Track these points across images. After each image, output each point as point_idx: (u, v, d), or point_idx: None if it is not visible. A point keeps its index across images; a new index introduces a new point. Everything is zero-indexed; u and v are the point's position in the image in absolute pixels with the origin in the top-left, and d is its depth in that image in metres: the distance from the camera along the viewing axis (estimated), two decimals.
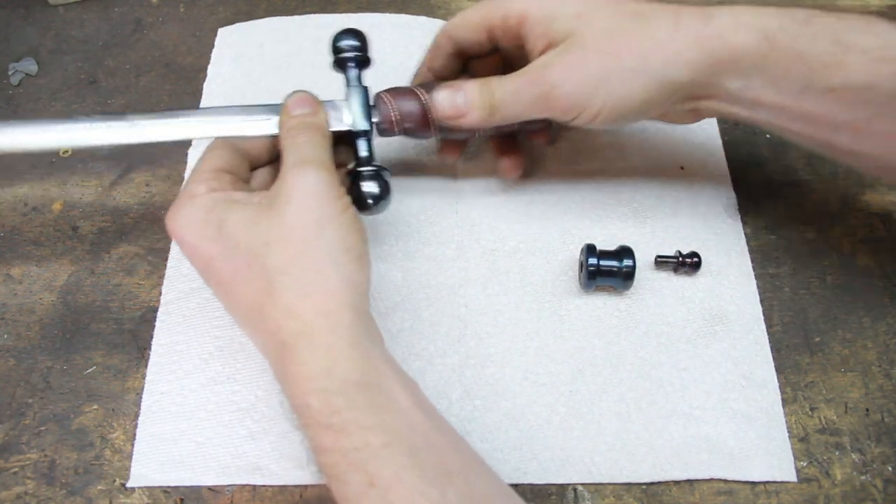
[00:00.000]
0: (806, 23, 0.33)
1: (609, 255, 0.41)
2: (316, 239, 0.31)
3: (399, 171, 0.47)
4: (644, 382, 0.40)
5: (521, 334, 0.41)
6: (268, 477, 0.37)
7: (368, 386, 0.29)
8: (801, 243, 0.45)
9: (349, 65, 0.38)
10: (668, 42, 0.34)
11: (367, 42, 0.39)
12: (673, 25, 0.34)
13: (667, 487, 0.37)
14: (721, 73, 0.34)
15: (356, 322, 0.31)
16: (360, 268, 0.32)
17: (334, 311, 0.30)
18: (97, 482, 0.37)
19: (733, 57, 0.34)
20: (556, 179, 0.47)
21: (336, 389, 0.29)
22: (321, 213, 0.31)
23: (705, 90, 0.35)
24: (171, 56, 0.53)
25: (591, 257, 0.40)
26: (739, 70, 0.34)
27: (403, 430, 0.29)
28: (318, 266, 0.31)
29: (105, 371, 0.41)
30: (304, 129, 0.35)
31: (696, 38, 0.34)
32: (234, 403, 0.39)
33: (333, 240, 0.31)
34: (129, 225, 0.46)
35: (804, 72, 0.33)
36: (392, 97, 0.38)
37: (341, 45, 0.38)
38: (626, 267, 0.40)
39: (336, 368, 0.29)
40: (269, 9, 0.56)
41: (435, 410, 0.32)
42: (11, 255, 0.45)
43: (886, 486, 0.37)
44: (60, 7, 0.56)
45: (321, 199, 0.32)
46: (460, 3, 0.56)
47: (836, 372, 0.41)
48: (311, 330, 0.30)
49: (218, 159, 0.35)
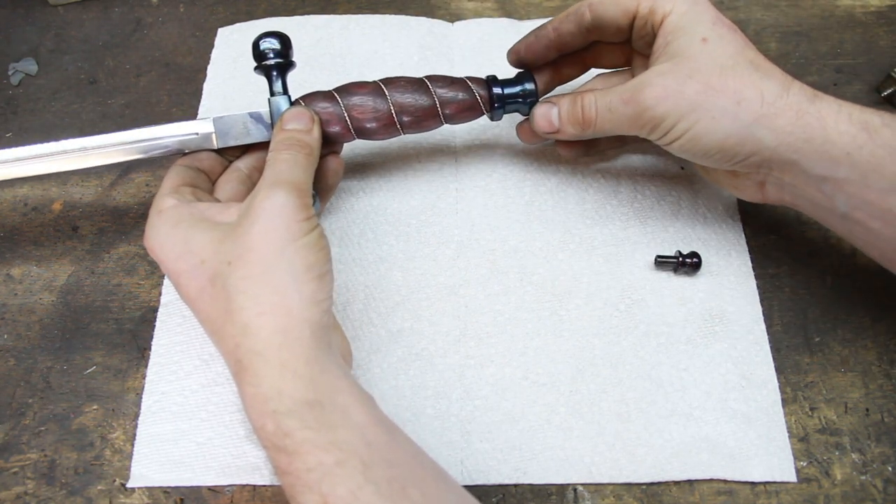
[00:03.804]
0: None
1: (510, 83, 0.42)
2: (277, 259, 0.31)
3: (399, 171, 0.47)
4: (644, 382, 0.40)
5: (521, 334, 0.41)
6: (268, 477, 0.37)
7: (321, 404, 0.29)
8: (801, 243, 0.45)
9: (272, 72, 0.39)
10: (771, 103, 0.34)
11: (290, 46, 0.40)
12: (781, 90, 0.35)
13: (667, 487, 0.37)
14: (809, 153, 0.34)
15: (313, 338, 0.31)
16: (320, 286, 0.32)
17: (290, 329, 0.30)
18: (97, 482, 0.37)
19: (827, 140, 0.34)
20: (557, 179, 0.47)
21: (287, 411, 0.29)
22: (285, 234, 0.31)
23: (785, 165, 0.35)
24: (171, 56, 0.53)
25: (494, 87, 0.41)
26: (829, 156, 0.34)
27: (358, 447, 0.28)
28: (276, 285, 0.31)
29: (105, 371, 0.41)
30: (290, 145, 0.35)
31: (797, 111, 0.34)
32: (234, 404, 0.39)
33: (295, 260, 0.31)
34: (129, 225, 0.46)
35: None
36: (308, 102, 0.39)
37: (263, 49, 0.39)
38: (528, 90, 0.41)
39: (287, 388, 0.29)
40: (269, 9, 0.56)
41: (392, 424, 0.32)
42: (11, 255, 0.45)
43: (886, 486, 0.37)
44: (60, 7, 0.56)
45: (287, 220, 0.32)
46: (460, 2, 0.56)
47: (836, 372, 0.41)
48: (265, 348, 0.30)
49: (177, 176, 0.37)
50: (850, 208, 0.35)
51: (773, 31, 0.54)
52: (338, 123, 0.39)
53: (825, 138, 0.34)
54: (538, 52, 0.42)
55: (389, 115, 0.39)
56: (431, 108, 0.40)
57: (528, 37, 0.42)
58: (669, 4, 0.37)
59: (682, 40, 0.36)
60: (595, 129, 0.39)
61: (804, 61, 0.53)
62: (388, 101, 0.39)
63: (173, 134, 0.39)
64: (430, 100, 0.40)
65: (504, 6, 0.56)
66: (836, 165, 0.34)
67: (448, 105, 0.40)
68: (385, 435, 0.30)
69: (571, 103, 0.39)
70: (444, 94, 0.40)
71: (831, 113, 0.34)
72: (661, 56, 0.37)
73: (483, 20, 0.54)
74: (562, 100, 0.40)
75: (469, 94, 0.41)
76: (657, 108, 0.36)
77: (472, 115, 0.42)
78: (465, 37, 0.53)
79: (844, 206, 0.35)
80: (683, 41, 0.36)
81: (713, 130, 0.35)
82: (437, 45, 0.53)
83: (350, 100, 0.39)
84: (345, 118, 0.39)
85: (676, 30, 0.37)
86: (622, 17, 0.39)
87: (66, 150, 0.38)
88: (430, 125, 0.41)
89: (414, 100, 0.40)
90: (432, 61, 0.52)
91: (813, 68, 0.52)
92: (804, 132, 0.34)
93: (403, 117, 0.40)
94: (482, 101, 0.41)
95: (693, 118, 0.35)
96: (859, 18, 0.55)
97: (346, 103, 0.39)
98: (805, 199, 0.37)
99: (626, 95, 0.37)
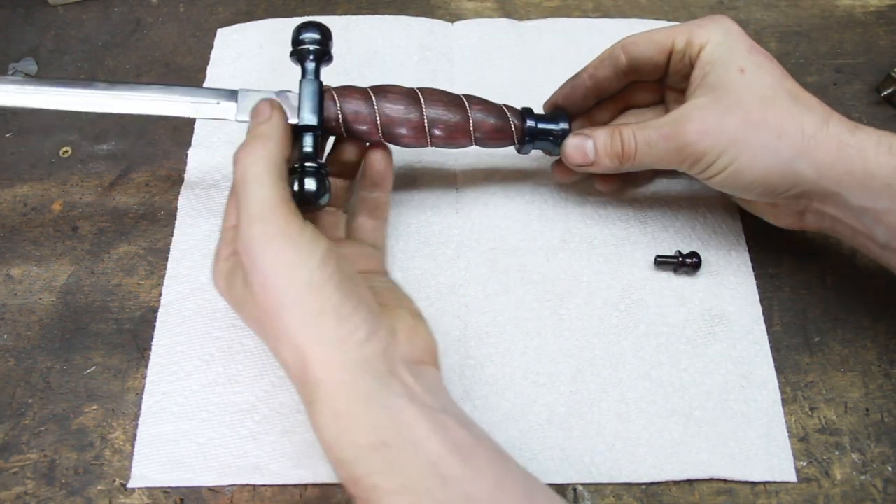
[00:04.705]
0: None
1: (546, 118, 0.41)
2: (288, 321, 0.29)
3: (399, 171, 0.47)
4: (644, 382, 0.40)
5: (521, 334, 0.41)
6: (268, 476, 0.37)
7: (387, 444, 0.27)
8: (801, 243, 0.45)
9: (308, 58, 0.38)
10: (811, 135, 0.34)
11: (330, 38, 0.39)
12: (821, 122, 0.34)
13: (666, 487, 0.37)
14: (850, 185, 0.34)
15: (362, 375, 0.29)
16: (340, 321, 0.29)
17: (330, 377, 0.28)
18: (97, 482, 0.37)
19: (867, 173, 0.33)
20: (557, 179, 0.47)
21: (352, 458, 0.28)
22: (284, 295, 0.29)
23: (826, 196, 0.35)
24: (170, 56, 0.53)
25: (528, 120, 0.40)
26: (870, 187, 0.34)
27: (431, 486, 0.27)
28: (301, 345, 0.29)
29: (105, 371, 0.41)
30: (253, 141, 0.33)
31: (837, 144, 0.34)
32: (234, 405, 0.39)
33: (299, 303, 0.29)
34: (129, 225, 0.46)
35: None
36: (340, 96, 0.38)
37: (303, 37, 0.38)
38: (561, 129, 0.41)
39: (347, 437, 0.28)
40: (268, 9, 0.56)
41: (471, 446, 0.29)
42: (11, 255, 0.45)
43: (886, 486, 0.37)
44: (60, 7, 0.56)
45: (279, 273, 0.29)
46: (460, 3, 0.56)
47: (836, 372, 0.41)
48: (314, 399, 0.29)
49: (233, 215, 0.35)
50: (889, 238, 0.35)
51: (773, 31, 0.54)
52: (368, 122, 0.38)
53: (865, 170, 0.33)
54: (576, 101, 0.42)
55: (421, 124, 0.39)
56: (464, 126, 0.39)
57: (565, 87, 0.42)
58: (705, 35, 0.37)
59: (720, 72, 0.36)
60: (633, 164, 0.38)
61: (804, 61, 0.53)
62: (423, 112, 0.38)
63: (195, 99, 0.38)
64: (464, 118, 0.39)
65: (504, 6, 0.56)
66: (877, 197, 0.34)
67: (481, 127, 0.40)
68: (461, 466, 0.28)
69: (609, 136, 0.39)
70: (479, 116, 0.39)
71: (871, 144, 0.34)
72: (699, 88, 0.37)
73: (483, 20, 0.54)
74: (597, 132, 0.39)
75: (503, 121, 0.40)
76: (699, 143, 0.35)
77: (502, 141, 0.41)
78: (465, 37, 0.53)
79: (884, 237, 0.35)
80: (721, 72, 0.36)
81: (754, 165, 0.35)
82: (437, 45, 0.53)
83: (384, 101, 0.38)
84: (375, 119, 0.38)
85: (713, 61, 0.36)
86: (658, 54, 0.38)
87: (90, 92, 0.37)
88: (459, 142, 0.40)
89: (448, 115, 0.39)
90: (432, 61, 0.52)
91: (813, 68, 0.52)
92: (845, 165, 0.34)
93: (434, 130, 0.39)
94: (515, 131, 0.40)
95: (734, 153, 0.35)
96: (859, 18, 0.55)
97: (380, 105, 0.38)
98: (845, 228, 0.37)
99: (666, 130, 0.36)
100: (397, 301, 0.35)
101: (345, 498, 0.37)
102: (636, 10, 0.56)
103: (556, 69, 0.51)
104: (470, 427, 0.30)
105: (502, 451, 0.30)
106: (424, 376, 0.31)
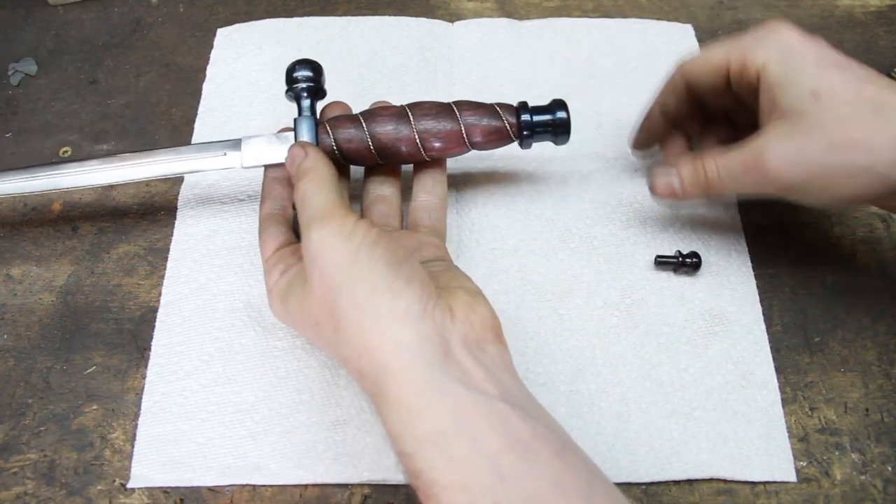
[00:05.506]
0: None
1: (541, 110, 0.40)
2: (344, 304, 0.30)
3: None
4: (644, 382, 0.40)
5: (521, 334, 0.41)
6: (268, 476, 0.37)
7: (444, 435, 0.27)
8: (801, 243, 0.45)
9: (303, 95, 0.39)
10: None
11: (322, 73, 0.40)
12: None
13: (666, 487, 0.37)
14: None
15: (418, 360, 0.29)
16: (395, 299, 0.30)
17: (387, 364, 0.29)
18: (97, 482, 0.37)
19: None
20: (556, 179, 0.47)
21: (413, 452, 0.28)
22: (339, 277, 0.30)
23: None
24: (170, 56, 0.53)
25: (524, 114, 0.40)
26: None
27: (490, 484, 0.26)
28: (358, 330, 0.30)
29: (105, 371, 0.41)
30: (302, 175, 0.34)
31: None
32: (234, 405, 0.39)
33: (359, 284, 0.30)
34: (129, 225, 0.46)
35: None
36: (333, 127, 0.39)
37: (296, 75, 0.39)
38: (559, 119, 0.40)
39: (406, 428, 0.28)
40: (268, 9, 0.56)
41: (530, 441, 0.28)
42: (11, 255, 0.45)
43: (886, 486, 0.37)
44: (60, 7, 0.56)
45: (335, 259, 0.30)
46: (460, 3, 0.56)
47: (836, 372, 0.41)
48: (378, 390, 0.29)
49: (271, 239, 0.37)
50: None
51: None
52: (362, 148, 0.39)
53: None
54: (657, 134, 0.42)
55: (413, 141, 0.39)
56: (457, 134, 0.39)
57: (642, 127, 0.43)
58: (761, 56, 0.35)
59: (791, 97, 0.34)
60: (717, 194, 0.38)
61: None
62: (413, 127, 0.39)
63: (203, 155, 0.40)
64: (455, 125, 0.39)
65: (504, 6, 0.56)
66: None
67: (475, 131, 0.39)
68: (520, 463, 0.27)
69: (693, 170, 0.38)
70: (471, 120, 0.39)
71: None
72: (773, 114, 0.35)
73: (483, 20, 0.54)
74: (682, 165, 0.39)
75: (497, 120, 0.39)
76: (783, 177, 0.34)
77: (501, 141, 0.40)
78: (465, 37, 0.53)
79: None
80: (793, 98, 0.34)
81: (851, 185, 0.33)
82: (437, 45, 0.53)
83: (373, 125, 0.39)
84: (368, 144, 0.39)
85: (779, 84, 0.34)
86: (715, 76, 0.38)
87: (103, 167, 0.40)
88: (456, 151, 0.40)
89: (439, 125, 0.39)
90: (432, 61, 0.52)
91: None
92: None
93: (427, 143, 0.39)
94: (511, 128, 0.40)
95: (823, 178, 0.34)
96: (859, 18, 0.55)
97: (370, 128, 0.38)
98: None
99: (748, 162, 0.35)
100: (456, 282, 0.35)
101: (345, 498, 0.37)
102: (636, 10, 0.56)
103: (556, 69, 0.52)
104: (530, 417, 0.29)
105: (563, 441, 0.29)
106: (486, 356, 0.31)
